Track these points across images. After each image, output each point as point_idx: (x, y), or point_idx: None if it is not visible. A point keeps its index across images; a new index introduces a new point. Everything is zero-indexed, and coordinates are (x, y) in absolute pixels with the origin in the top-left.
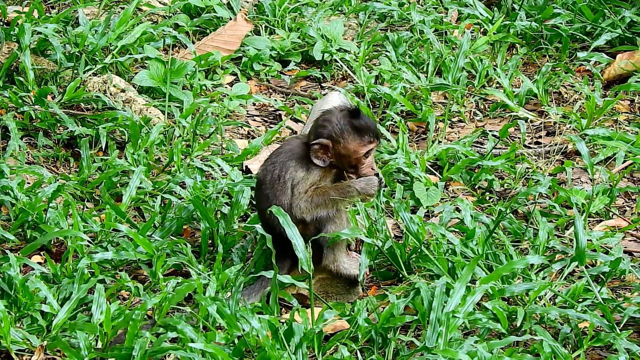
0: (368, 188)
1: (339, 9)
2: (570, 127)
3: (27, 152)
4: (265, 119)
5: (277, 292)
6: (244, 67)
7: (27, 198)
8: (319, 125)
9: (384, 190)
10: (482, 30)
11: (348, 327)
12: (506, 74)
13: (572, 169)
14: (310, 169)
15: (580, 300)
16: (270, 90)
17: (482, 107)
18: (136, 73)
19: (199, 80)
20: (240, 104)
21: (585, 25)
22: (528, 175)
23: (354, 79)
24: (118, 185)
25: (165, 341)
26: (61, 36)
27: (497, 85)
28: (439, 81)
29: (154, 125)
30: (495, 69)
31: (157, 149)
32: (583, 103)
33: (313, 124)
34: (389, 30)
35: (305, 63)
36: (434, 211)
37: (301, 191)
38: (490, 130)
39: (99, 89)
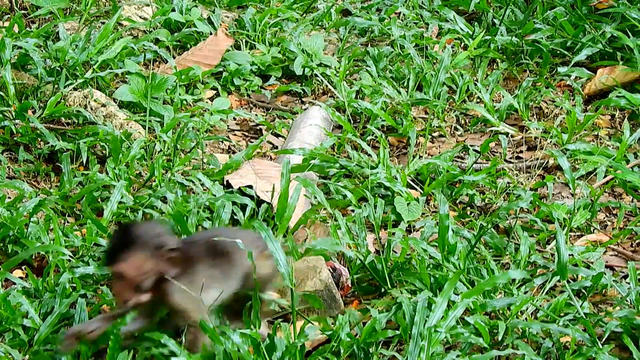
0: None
1: (320, 23)
2: (551, 142)
3: (7, 167)
4: (246, 133)
5: (259, 307)
6: (225, 82)
7: (8, 213)
8: None
9: None
10: (462, 45)
11: (330, 342)
12: (487, 89)
13: (553, 183)
14: None
15: (562, 314)
16: (251, 105)
17: (462, 122)
18: (117, 88)
19: (180, 95)
20: (221, 119)
21: (566, 41)
22: (509, 190)
23: (335, 94)
24: (99, 199)
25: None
26: (42, 51)
27: (478, 100)
28: (420, 96)
29: (135, 140)
30: (475, 84)
31: (138, 163)
32: (564, 118)
33: None
34: (369, 45)
35: (285, 78)
36: (415, 226)
37: None
38: (471, 145)
39: (79, 104)
